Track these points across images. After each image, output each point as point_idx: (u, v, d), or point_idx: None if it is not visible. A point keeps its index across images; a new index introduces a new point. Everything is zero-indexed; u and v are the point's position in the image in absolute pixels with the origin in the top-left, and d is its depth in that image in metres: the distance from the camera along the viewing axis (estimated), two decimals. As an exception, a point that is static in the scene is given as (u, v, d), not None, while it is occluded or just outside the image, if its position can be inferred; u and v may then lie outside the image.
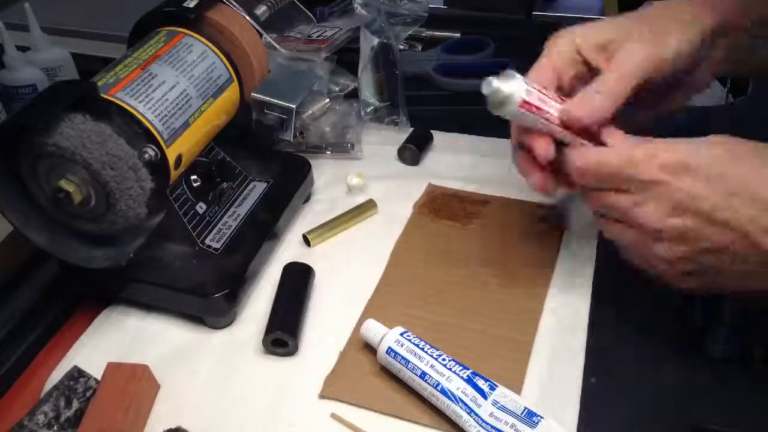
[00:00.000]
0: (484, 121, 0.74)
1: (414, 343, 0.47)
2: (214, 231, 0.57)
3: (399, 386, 0.48)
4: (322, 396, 0.48)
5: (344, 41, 0.79)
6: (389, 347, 0.47)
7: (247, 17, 0.64)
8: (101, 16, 0.95)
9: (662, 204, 0.43)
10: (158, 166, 0.50)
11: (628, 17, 0.51)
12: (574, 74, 0.51)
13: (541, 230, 0.61)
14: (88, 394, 0.47)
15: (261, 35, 0.67)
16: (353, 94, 0.76)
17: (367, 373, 0.49)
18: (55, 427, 0.45)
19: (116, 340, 0.53)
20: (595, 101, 0.47)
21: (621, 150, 0.45)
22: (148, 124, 0.50)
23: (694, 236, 0.43)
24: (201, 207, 0.57)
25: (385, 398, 0.47)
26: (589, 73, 0.50)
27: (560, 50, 0.50)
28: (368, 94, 0.75)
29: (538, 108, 0.47)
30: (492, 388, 0.44)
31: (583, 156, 0.46)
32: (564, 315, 0.53)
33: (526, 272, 0.57)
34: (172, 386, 0.49)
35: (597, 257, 0.57)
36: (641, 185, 0.43)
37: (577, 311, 0.53)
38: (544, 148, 0.48)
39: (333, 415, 0.46)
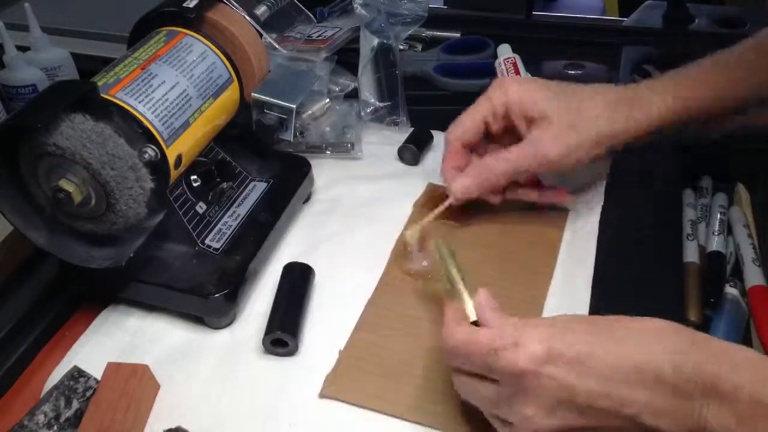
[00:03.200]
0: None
1: None
2: (214, 231, 0.57)
3: (399, 386, 0.48)
4: (322, 396, 0.48)
5: (344, 41, 0.79)
6: None
7: (247, 17, 0.64)
8: (101, 16, 0.95)
9: (536, 401, 0.37)
10: (158, 166, 0.50)
11: (563, 91, 0.56)
12: (500, 127, 0.58)
13: (541, 231, 0.61)
14: (88, 394, 0.47)
15: (261, 35, 0.67)
16: (353, 94, 0.76)
17: (367, 373, 0.49)
18: (55, 427, 0.45)
19: (116, 340, 0.53)
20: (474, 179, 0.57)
21: (490, 332, 0.39)
22: (148, 124, 0.50)
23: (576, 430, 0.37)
24: (201, 207, 0.57)
25: (385, 398, 0.47)
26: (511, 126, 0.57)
27: (493, 105, 0.57)
28: (368, 94, 0.75)
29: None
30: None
31: (452, 334, 0.41)
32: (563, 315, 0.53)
33: (525, 273, 0.57)
34: (172, 386, 0.49)
35: (596, 258, 0.57)
36: (509, 378, 0.38)
37: (576, 312, 0.53)
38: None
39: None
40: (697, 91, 0.55)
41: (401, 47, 0.79)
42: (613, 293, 0.54)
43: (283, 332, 0.50)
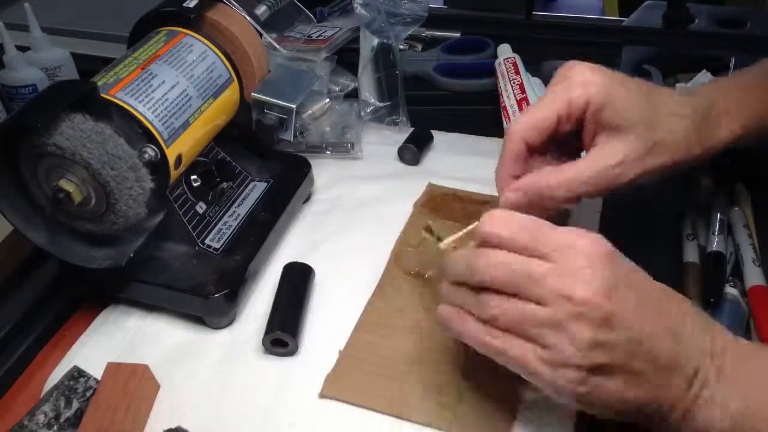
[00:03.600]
0: (484, 121, 0.75)
1: None
2: (214, 231, 0.57)
3: (399, 386, 0.48)
4: (322, 396, 0.48)
5: (344, 41, 0.79)
6: None
7: (247, 17, 0.64)
8: (101, 16, 0.95)
9: (594, 279, 0.37)
10: (158, 166, 0.50)
11: (644, 95, 0.47)
12: (570, 128, 0.48)
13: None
14: (88, 394, 0.47)
15: (261, 35, 0.68)
16: (353, 94, 0.76)
17: (367, 373, 0.49)
18: (55, 427, 0.45)
19: (116, 340, 0.53)
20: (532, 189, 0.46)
21: (544, 222, 0.39)
22: (148, 124, 0.50)
23: (618, 322, 0.36)
24: (201, 207, 0.57)
25: (385, 398, 0.47)
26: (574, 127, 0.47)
27: (571, 99, 0.46)
28: (368, 94, 0.75)
29: None
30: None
31: (491, 218, 0.40)
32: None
33: None
34: (172, 386, 0.49)
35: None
36: (568, 254, 0.37)
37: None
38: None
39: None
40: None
41: (401, 47, 0.79)
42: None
43: (283, 332, 0.50)
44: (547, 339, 0.37)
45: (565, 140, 0.49)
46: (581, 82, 0.46)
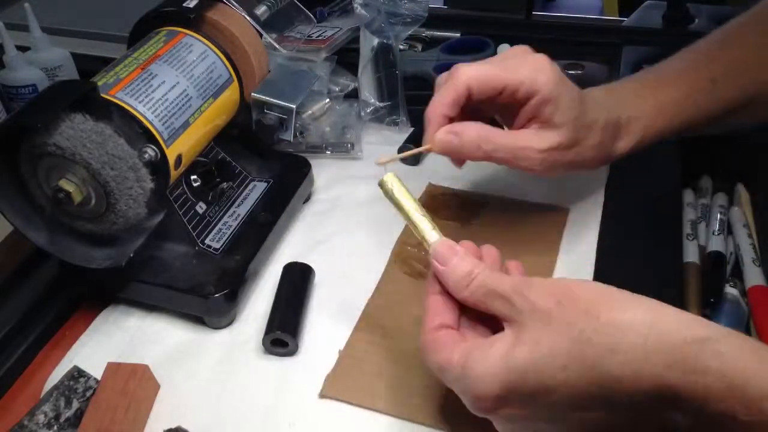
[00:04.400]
0: (483, 120, 0.75)
1: None
2: (214, 231, 0.57)
3: (399, 386, 0.48)
4: (322, 396, 0.48)
5: (344, 41, 0.79)
6: None
7: (247, 17, 0.64)
8: (101, 16, 0.95)
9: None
10: (158, 166, 0.50)
11: (579, 98, 0.51)
12: (512, 102, 0.51)
13: (541, 231, 0.61)
14: (88, 394, 0.47)
15: (261, 35, 0.67)
16: (353, 94, 0.76)
17: (367, 373, 0.49)
18: (55, 427, 0.45)
19: (116, 340, 0.53)
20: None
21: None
22: (148, 124, 0.50)
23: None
24: (201, 207, 0.57)
25: (385, 398, 0.47)
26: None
27: (524, 81, 0.49)
28: (368, 94, 0.75)
29: None
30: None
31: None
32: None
33: (526, 272, 0.57)
34: (172, 386, 0.49)
35: (597, 257, 0.57)
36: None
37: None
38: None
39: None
40: (669, 107, 0.54)
41: (401, 47, 0.79)
42: (613, 293, 0.54)
43: (283, 332, 0.50)
44: None
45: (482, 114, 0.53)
46: (538, 69, 0.49)
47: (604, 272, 0.56)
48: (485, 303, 0.39)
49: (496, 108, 0.54)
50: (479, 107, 0.53)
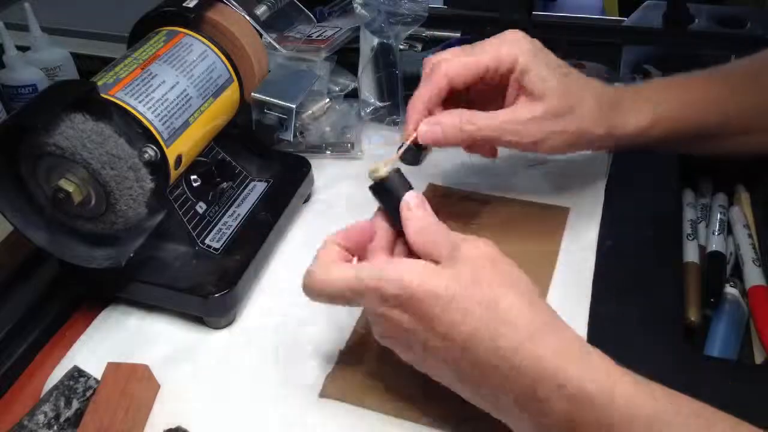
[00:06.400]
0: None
1: None
2: (214, 231, 0.57)
3: (399, 386, 0.48)
4: (322, 396, 0.48)
5: (344, 41, 0.79)
6: None
7: (247, 17, 0.64)
8: (101, 16, 0.95)
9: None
10: (158, 166, 0.50)
11: (566, 76, 0.53)
12: (494, 82, 0.52)
13: (541, 231, 0.61)
14: (88, 394, 0.47)
15: (261, 35, 0.67)
16: (353, 94, 0.76)
17: (367, 373, 0.49)
18: (55, 427, 0.45)
19: (116, 340, 0.53)
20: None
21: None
22: (148, 124, 0.50)
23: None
24: (201, 207, 0.57)
25: (385, 398, 0.47)
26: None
27: (501, 57, 0.51)
28: (368, 94, 0.75)
29: None
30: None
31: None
32: (563, 315, 0.52)
33: (526, 272, 0.57)
34: (172, 386, 0.49)
35: (597, 257, 0.57)
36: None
37: (576, 311, 0.53)
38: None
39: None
40: (685, 103, 0.54)
41: (401, 47, 0.78)
42: (613, 293, 0.54)
43: None
44: None
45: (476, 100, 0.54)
46: (513, 41, 0.51)
47: (604, 272, 0.56)
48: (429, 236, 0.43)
49: (489, 95, 0.54)
50: (473, 99, 0.55)
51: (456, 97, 0.54)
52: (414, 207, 0.44)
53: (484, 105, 0.53)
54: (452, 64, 0.51)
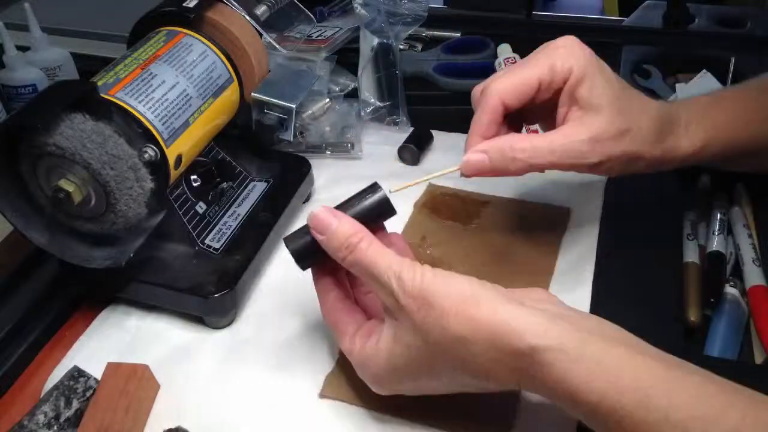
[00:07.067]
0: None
1: None
2: (214, 231, 0.57)
3: (399, 386, 0.48)
4: (322, 396, 0.48)
5: (344, 41, 0.79)
6: None
7: (247, 17, 0.64)
8: (101, 16, 0.95)
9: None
10: (158, 166, 0.50)
11: (623, 90, 0.49)
12: (548, 98, 0.49)
13: (541, 231, 0.61)
14: (88, 394, 0.47)
15: (261, 35, 0.67)
16: (353, 94, 0.76)
17: (367, 373, 0.49)
18: (55, 427, 0.45)
19: (116, 340, 0.53)
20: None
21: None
22: (148, 124, 0.50)
23: None
24: (201, 207, 0.57)
25: (385, 398, 0.47)
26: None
27: (555, 66, 0.48)
28: (368, 94, 0.75)
29: None
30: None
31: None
32: (564, 315, 0.53)
33: (526, 273, 0.57)
34: (172, 386, 0.49)
35: (597, 257, 0.57)
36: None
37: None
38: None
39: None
40: (737, 121, 0.52)
41: (401, 47, 0.79)
42: (613, 293, 0.54)
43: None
44: None
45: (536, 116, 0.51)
46: (567, 51, 0.47)
47: (604, 272, 0.56)
48: (368, 281, 0.42)
49: (546, 110, 0.51)
50: (529, 116, 0.52)
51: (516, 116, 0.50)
52: (322, 227, 0.43)
53: (543, 119, 0.52)
54: (502, 83, 0.48)
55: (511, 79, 0.48)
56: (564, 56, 0.47)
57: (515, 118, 0.51)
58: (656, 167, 0.52)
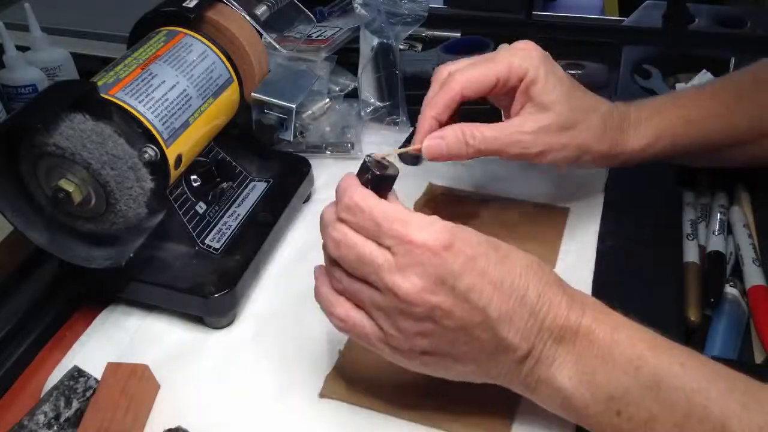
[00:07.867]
0: (484, 120, 0.75)
1: None
2: (214, 231, 0.57)
3: (399, 386, 0.48)
4: (322, 396, 0.48)
5: (344, 41, 0.79)
6: None
7: (247, 17, 0.64)
8: (101, 16, 0.95)
9: (424, 275, 0.39)
10: (158, 166, 0.50)
11: (574, 90, 0.53)
12: (503, 94, 0.53)
13: (541, 231, 0.61)
14: (88, 394, 0.47)
15: (261, 35, 0.68)
16: (353, 94, 0.76)
17: (366, 373, 0.49)
18: (55, 427, 0.45)
19: (116, 340, 0.53)
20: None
21: (399, 208, 0.41)
22: (148, 124, 0.50)
23: (442, 314, 0.39)
24: (201, 207, 0.57)
25: (385, 398, 0.47)
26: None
27: (512, 67, 0.51)
28: (368, 94, 0.75)
29: None
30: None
31: (354, 192, 0.41)
32: (564, 315, 0.53)
33: None
34: (172, 386, 0.49)
35: (597, 257, 0.57)
36: (405, 248, 0.39)
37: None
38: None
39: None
40: (686, 120, 0.55)
41: (401, 47, 0.79)
42: (613, 293, 0.54)
43: None
44: (381, 322, 0.41)
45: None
46: (524, 53, 0.52)
47: (604, 272, 0.56)
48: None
49: (505, 102, 0.55)
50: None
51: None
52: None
53: (504, 108, 0.54)
54: (465, 75, 0.51)
55: (474, 72, 0.51)
56: (521, 57, 0.51)
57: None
58: (604, 162, 0.56)
